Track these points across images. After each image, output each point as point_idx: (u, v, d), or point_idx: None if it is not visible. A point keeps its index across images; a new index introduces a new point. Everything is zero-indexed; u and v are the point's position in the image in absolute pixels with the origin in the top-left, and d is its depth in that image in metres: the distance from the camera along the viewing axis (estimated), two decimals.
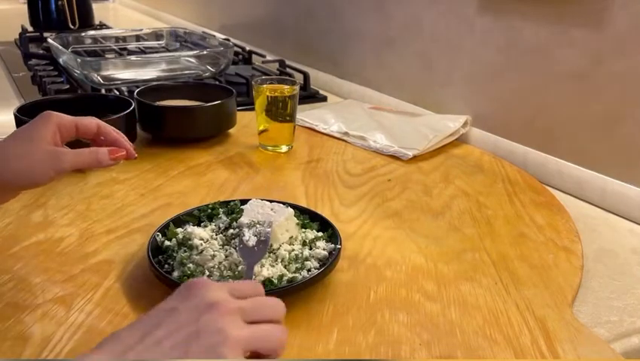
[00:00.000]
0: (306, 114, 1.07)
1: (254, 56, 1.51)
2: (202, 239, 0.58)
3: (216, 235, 0.59)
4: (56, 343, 0.48)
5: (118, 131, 0.59)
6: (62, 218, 0.69)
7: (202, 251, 0.55)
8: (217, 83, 1.18)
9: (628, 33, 0.75)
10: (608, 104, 0.79)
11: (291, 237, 0.59)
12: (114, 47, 1.46)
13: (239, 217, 0.59)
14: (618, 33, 0.76)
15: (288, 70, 1.34)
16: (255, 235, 0.56)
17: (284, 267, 0.55)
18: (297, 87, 0.92)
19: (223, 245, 0.57)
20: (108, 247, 0.63)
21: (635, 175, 0.77)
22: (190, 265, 0.54)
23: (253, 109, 0.95)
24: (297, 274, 0.54)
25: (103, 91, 1.17)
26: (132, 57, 1.29)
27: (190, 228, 0.60)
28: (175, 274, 0.54)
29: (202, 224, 0.62)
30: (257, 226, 0.57)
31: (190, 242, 0.57)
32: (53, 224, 0.67)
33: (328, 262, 0.56)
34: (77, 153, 0.54)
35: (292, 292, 0.53)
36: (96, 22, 1.94)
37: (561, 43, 0.83)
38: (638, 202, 0.76)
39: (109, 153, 0.56)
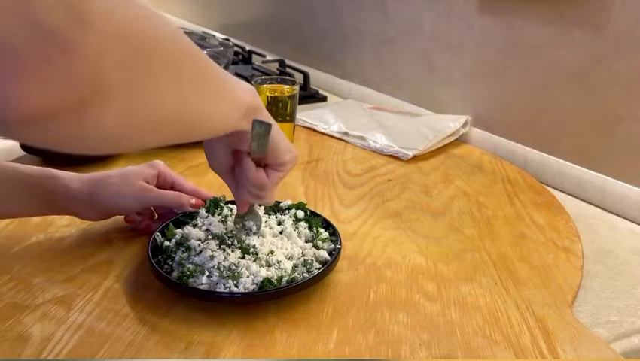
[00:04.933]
0: (306, 114, 1.07)
1: (254, 56, 1.51)
2: (199, 239, 0.58)
3: (203, 228, 0.60)
4: (56, 343, 0.48)
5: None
6: (62, 218, 0.69)
7: (200, 252, 0.55)
8: None
9: (628, 33, 0.75)
10: (607, 104, 0.79)
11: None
12: None
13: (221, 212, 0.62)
14: (618, 33, 0.76)
15: (288, 70, 1.34)
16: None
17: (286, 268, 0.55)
18: (297, 87, 0.92)
19: (220, 245, 0.57)
20: (108, 247, 0.63)
21: (635, 175, 0.77)
22: (190, 265, 0.54)
23: None
24: (297, 274, 0.54)
25: None
26: None
27: (187, 229, 0.60)
28: (175, 274, 0.54)
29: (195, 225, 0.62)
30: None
31: (187, 243, 0.57)
32: (53, 224, 0.67)
33: (328, 263, 0.56)
34: (162, 193, 0.62)
35: (292, 292, 0.53)
36: None
37: (561, 43, 0.83)
38: (638, 202, 0.76)
39: (194, 202, 0.63)
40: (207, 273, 0.53)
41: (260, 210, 0.62)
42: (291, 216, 0.63)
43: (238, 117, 0.46)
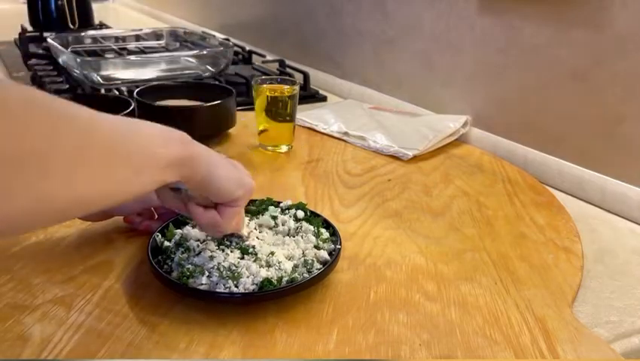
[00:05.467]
0: (306, 114, 1.07)
1: (254, 56, 1.51)
2: (198, 240, 0.58)
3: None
4: (56, 343, 0.48)
5: None
6: None
7: (199, 253, 0.55)
8: (217, 83, 1.18)
9: (628, 33, 0.75)
10: (607, 104, 0.79)
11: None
12: (114, 47, 1.46)
13: None
14: (618, 33, 0.76)
15: (288, 70, 1.34)
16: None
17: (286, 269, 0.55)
18: (297, 87, 0.92)
19: (219, 245, 0.57)
20: (108, 247, 0.63)
21: (635, 175, 0.77)
22: (189, 265, 0.54)
23: (253, 109, 0.95)
24: (297, 275, 0.54)
25: (103, 91, 1.17)
26: (132, 57, 1.29)
27: (186, 229, 0.60)
28: (174, 274, 0.54)
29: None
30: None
31: (187, 243, 0.57)
32: None
33: (328, 263, 0.56)
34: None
35: (292, 292, 0.53)
36: (96, 22, 1.94)
37: (561, 43, 0.83)
38: (638, 202, 0.76)
39: None
40: (207, 273, 0.53)
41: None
42: (291, 216, 0.63)
43: (158, 179, 0.43)
